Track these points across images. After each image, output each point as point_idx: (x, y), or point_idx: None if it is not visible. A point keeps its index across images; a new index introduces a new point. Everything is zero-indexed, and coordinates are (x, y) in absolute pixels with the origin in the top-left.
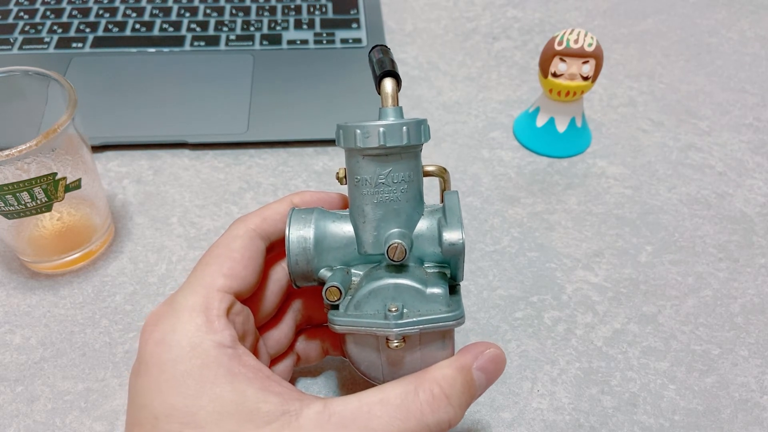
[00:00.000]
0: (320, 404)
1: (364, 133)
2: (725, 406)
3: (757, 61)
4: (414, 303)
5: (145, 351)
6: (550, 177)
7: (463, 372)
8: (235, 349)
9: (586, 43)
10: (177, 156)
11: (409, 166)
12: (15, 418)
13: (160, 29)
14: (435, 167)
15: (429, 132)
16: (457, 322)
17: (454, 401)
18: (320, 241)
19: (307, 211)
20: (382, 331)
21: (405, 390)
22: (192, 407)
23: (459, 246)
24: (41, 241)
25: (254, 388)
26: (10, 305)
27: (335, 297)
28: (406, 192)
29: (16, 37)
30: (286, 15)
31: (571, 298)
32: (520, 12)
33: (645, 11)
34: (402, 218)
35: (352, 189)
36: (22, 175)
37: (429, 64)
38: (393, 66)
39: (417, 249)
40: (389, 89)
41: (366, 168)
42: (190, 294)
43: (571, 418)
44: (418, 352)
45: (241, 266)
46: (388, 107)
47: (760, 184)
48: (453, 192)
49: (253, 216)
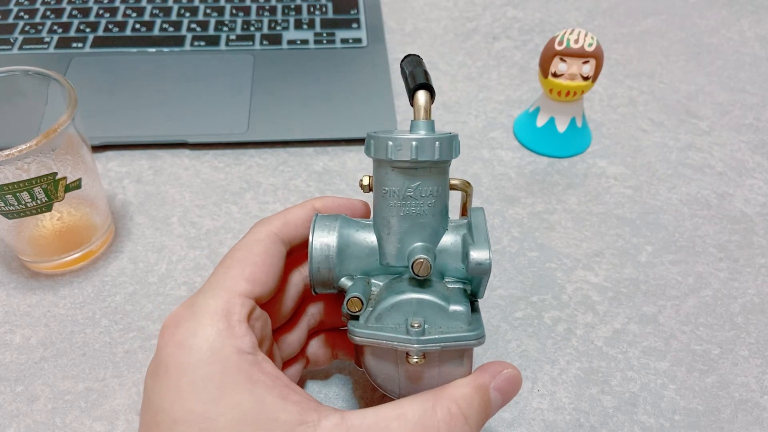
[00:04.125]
0: (338, 416)
1: (397, 146)
2: (725, 406)
3: (757, 61)
4: (436, 319)
5: (165, 353)
6: (550, 177)
7: (481, 391)
8: (255, 355)
9: (587, 43)
10: (177, 156)
11: (437, 181)
12: (15, 418)
13: (160, 29)
14: (459, 181)
15: (459, 147)
16: (479, 342)
17: (471, 421)
18: (343, 250)
19: (331, 218)
20: (403, 346)
21: (423, 407)
22: (211, 413)
23: (486, 266)
24: (41, 241)
25: (273, 396)
26: (10, 305)
27: (357, 308)
28: (433, 206)
29: (16, 37)
30: (286, 15)
31: (571, 298)
32: (520, 12)
33: (645, 11)
34: (427, 232)
35: (378, 199)
36: (22, 175)
37: (429, 64)
38: (427, 78)
39: (439, 264)
40: (422, 102)
41: (395, 180)
42: (212, 297)
43: (571, 418)
44: (436, 369)
45: (262, 271)
46: (420, 120)
47: (760, 184)
48: (479, 209)
49: (274, 219)
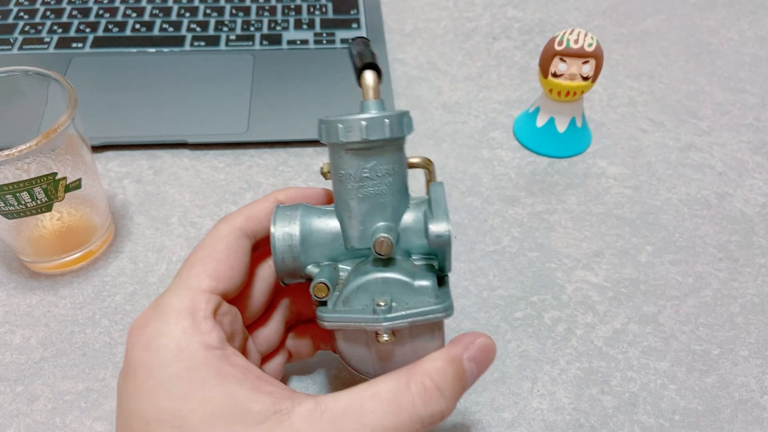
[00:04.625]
0: (312, 402)
1: (347, 128)
2: (725, 406)
3: (757, 61)
4: (402, 296)
5: (133, 355)
6: (550, 177)
7: (454, 363)
8: (223, 350)
9: (586, 43)
10: (177, 156)
11: (393, 159)
12: (15, 418)
13: (160, 29)
14: (420, 159)
15: (412, 124)
16: (446, 314)
17: (446, 393)
18: (306, 238)
19: (291, 208)
20: (371, 326)
21: (396, 384)
22: (182, 410)
23: (445, 237)
24: (41, 241)
25: (244, 389)
26: (10, 305)
27: (323, 293)
28: (391, 185)
29: (16, 37)
30: (286, 15)
31: (571, 298)
32: (520, 12)
33: (645, 11)
34: (388, 211)
35: (336, 184)
36: (22, 175)
37: (429, 64)
38: (374, 58)
39: (404, 242)
40: (370, 82)
41: (349, 162)
42: (176, 297)
43: (571, 418)
44: (408, 345)
45: (226, 266)
46: (370, 100)
47: (760, 184)
48: (438, 183)
49: (237, 215)
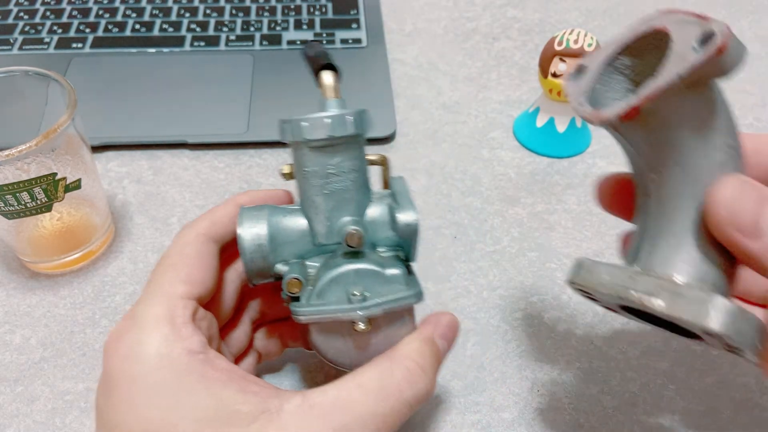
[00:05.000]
0: (299, 397)
1: (311, 126)
2: (725, 406)
3: (757, 61)
4: (375, 286)
5: (112, 367)
6: (550, 177)
7: (429, 342)
8: (206, 354)
9: (586, 44)
10: (177, 156)
11: (355, 155)
12: (15, 418)
13: (160, 29)
14: (376, 156)
15: (371, 121)
16: (418, 299)
17: (427, 370)
18: (274, 237)
19: (257, 208)
20: (347, 316)
21: (380, 371)
22: (170, 419)
23: (414, 226)
24: (41, 241)
25: (231, 391)
26: (10, 305)
27: (296, 289)
28: (355, 180)
29: (16, 37)
30: (286, 15)
31: (571, 298)
32: (520, 12)
33: (645, 11)
34: (353, 206)
35: (301, 182)
36: (22, 175)
37: (429, 64)
38: (330, 58)
39: (370, 235)
40: (330, 81)
41: (314, 160)
42: (151, 305)
43: (571, 418)
44: (383, 333)
45: (198, 271)
46: (330, 99)
47: None
48: (399, 177)
49: (200, 220)
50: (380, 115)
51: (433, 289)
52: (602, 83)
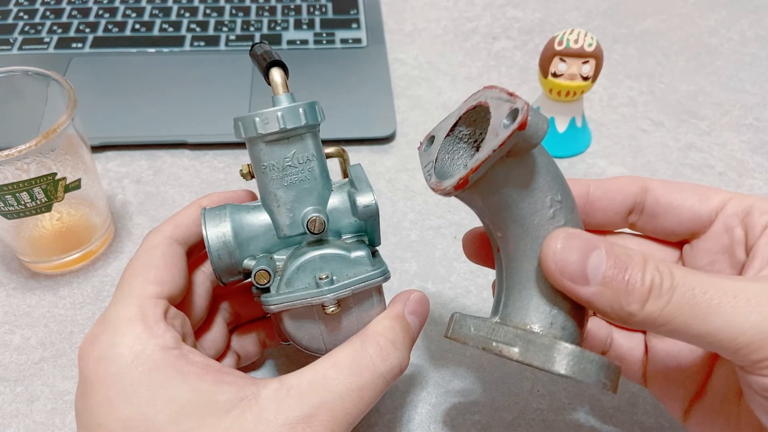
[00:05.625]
0: (276, 382)
1: (264, 120)
2: None
3: (757, 61)
4: (341, 269)
5: (87, 371)
6: None
7: (399, 319)
8: (180, 349)
9: (586, 43)
10: (177, 156)
11: (311, 146)
12: (15, 418)
13: (160, 29)
14: (334, 149)
15: (323, 112)
16: (384, 278)
17: (399, 345)
18: (238, 233)
19: (219, 208)
20: (317, 300)
21: (353, 349)
22: (148, 414)
23: (373, 207)
24: (41, 241)
25: (207, 383)
26: (10, 305)
27: (265, 280)
28: (313, 171)
29: (16, 37)
30: (286, 15)
31: None
32: (520, 12)
33: (645, 11)
34: (314, 196)
35: (260, 177)
36: (21, 175)
37: (429, 64)
38: (278, 56)
39: (333, 223)
40: (279, 78)
41: (271, 153)
42: (123, 307)
43: (571, 418)
44: (353, 314)
45: (166, 272)
46: (281, 94)
47: (760, 184)
48: (357, 165)
49: (164, 225)
50: (380, 115)
51: (433, 289)
52: (449, 153)
